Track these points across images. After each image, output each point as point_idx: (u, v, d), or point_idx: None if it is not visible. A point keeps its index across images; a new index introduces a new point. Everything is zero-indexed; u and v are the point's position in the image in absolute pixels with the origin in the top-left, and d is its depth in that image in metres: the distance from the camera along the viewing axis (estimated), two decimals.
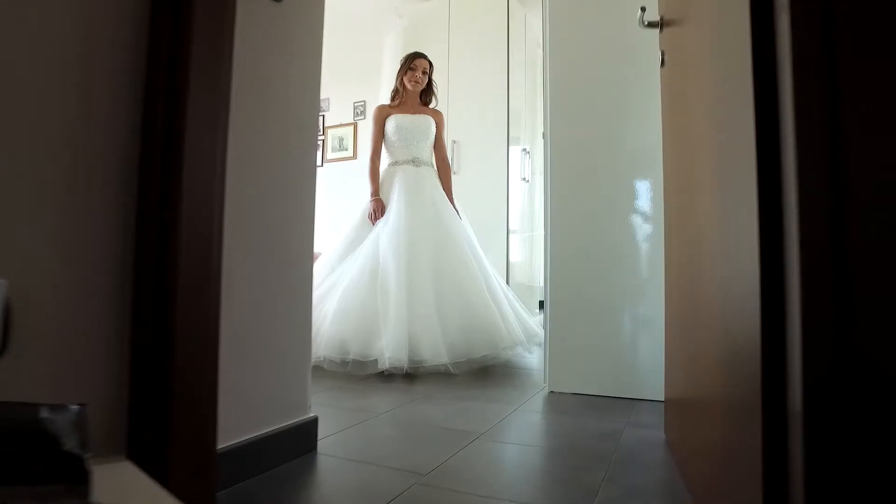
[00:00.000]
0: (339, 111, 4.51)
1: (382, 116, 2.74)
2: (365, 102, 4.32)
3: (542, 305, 3.45)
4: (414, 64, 2.72)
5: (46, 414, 0.54)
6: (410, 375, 2.13)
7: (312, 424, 1.27)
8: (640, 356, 1.84)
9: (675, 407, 1.31)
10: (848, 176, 0.48)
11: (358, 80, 4.29)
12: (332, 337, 2.17)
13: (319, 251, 2.69)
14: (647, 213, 1.86)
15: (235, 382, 1.05)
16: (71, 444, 0.54)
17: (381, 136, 2.74)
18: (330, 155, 4.54)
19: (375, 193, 2.64)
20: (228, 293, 1.00)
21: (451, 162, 2.96)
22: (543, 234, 2.06)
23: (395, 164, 2.71)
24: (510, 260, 3.66)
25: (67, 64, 0.72)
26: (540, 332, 2.46)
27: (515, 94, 3.81)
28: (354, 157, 4.39)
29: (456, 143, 3.70)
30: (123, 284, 0.78)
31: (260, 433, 1.11)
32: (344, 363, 2.14)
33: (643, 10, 1.42)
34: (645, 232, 1.86)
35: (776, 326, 0.58)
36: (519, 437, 1.46)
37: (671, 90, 1.33)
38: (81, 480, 0.53)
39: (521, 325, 2.47)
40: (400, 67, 2.78)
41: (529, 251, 4.09)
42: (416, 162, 2.69)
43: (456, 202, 2.73)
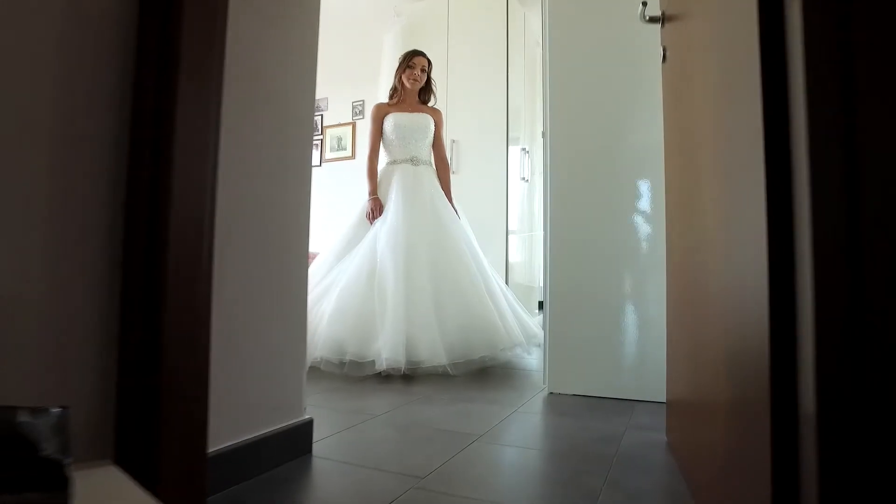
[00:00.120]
0: (337, 111, 4.49)
1: (381, 115, 2.72)
2: (363, 102, 4.30)
3: (541, 306, 3.43)
4: (412, 62, 2.70)
5: (25, 417, 0.52)
6: (408, 376, 2.11)
7: (307, 427, 1.24)
8: (640, 357, 1.82)
9: (677, 408, 1.29)
10: (862, 165, 0.46)
11: (356, 79, 4.27)
12: (328, 337, 2.15)
13: (317, 251, 2.67)
14: (647, 212, 1.84)
15: (228, 383, 1.03)
16: (50, 449, 0.52)
17: (379, 134, 2.72)
18: (328, 155, 4.51)
19: (373, 192, 2.61)
20: (221, 292, 0.98)
21: (449, 161, 2.93)
22: (543, 234, 2.04)
23: (393, 162, 2.69)
24: (509, 260, 3.64)
25: (51, 53, 0.70)
26: (539, 332, 2.44)
27: (515, 93, 3.80)
28: (353, 156, 4.36)
29: (455, 142, 3.68)
30: (111, 283, 0.75)
31: (253, 436, 1.09)
32: (341, 364, 2.11)
33: (644, 4, 1.40)
34: (645, 231, 1.84)
35: (785, 323, 0.55)
36: (518, 439, 1.44)
37: (673, 86, 1.31)
38: (61, 487, 0.51)
39: (520, 325, 2.45)
40: (398, 65, 2.76)
41: (529, 251, 4.07)
42: (414, 161, 2.67)
43: (455, 202, 2.71)
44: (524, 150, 3.95)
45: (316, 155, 4.53)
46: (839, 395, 0.45)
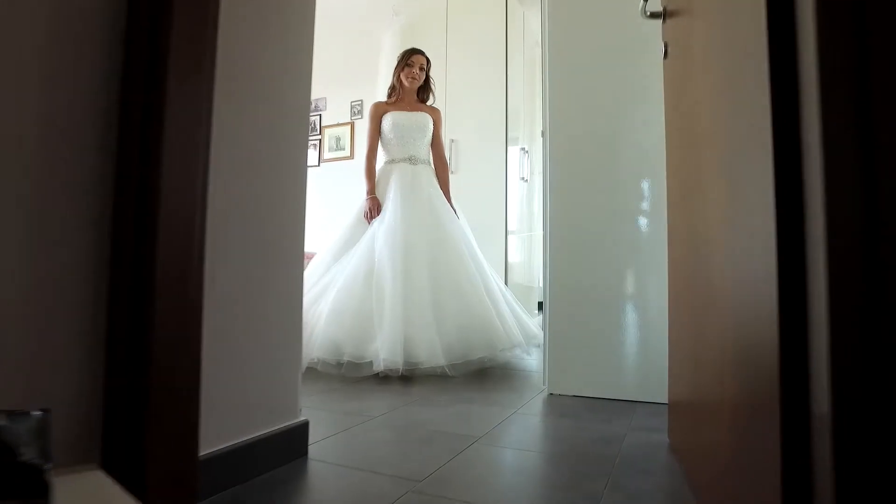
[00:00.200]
0: (336, 111, 4.47)
1: (379, 113, 2.70)
2: (362, 102, 4.28)
3: (540, 306, 3.41)
4: (411, 60, 2.68)
5: (2, 422, 0.50)
6: (406, 377, 2.08)
7: (303, 428, 1.22)
8: (641, 357, 1.80)
9: (679, 409, 1.27)
10: (879, 155, 0.44)
11: (355, 79, 4.25)
12: (326, 338, 2.12)
13: (314, 251, 2.64)
14: (648, 211, 1.83)
15: (220, 384, 1.00)
16: (30, 454, 0.49)
17: (377, 133, 2.70)
18: (327, 155, 4.49)
19: (371, 192, 2.59)
20: (213, 291, 0.96)
21: (448, 161, 2.91)
22: (542, 234, 2.03)
23: (391, 161, 2.67)
24: (508, 260, 3.62)
25: (36, 48, 0.67)
26: (539, 333, 2.42)
27: (514, 92, 3.78)
28: (352, 156, 4.34)
29: (454, 142, 3.66)
30: (97, 281, 0.73)
31: (246, 438, 1.07)
32: (338, 365, 2.09)
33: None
34: (645, 230, 1.83)
35: (795, 318, 0.53)
36: (518, 441, 1.42)
37: (675, 82, 1.29)
38: (40, 494, 0.48)
39: (519, 326, 2.43)
40: (397, 64, 2.74)
41: (528, 251, 4.06)
42: (412, 160, 2.65)
43: (454, 202, 2.69)
44: (523, 149, 3.93)
45: (314, 155, 4.50)
46: (855, 392, 0.42)
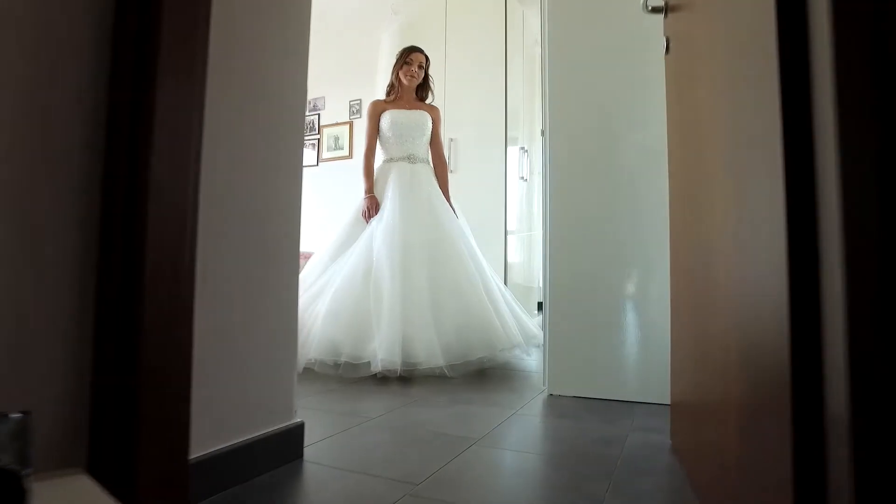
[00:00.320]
0: (334, 110, 4.45)
1: (377, 112, 2.68)
2: (361, 101, 4.25)
3: (540, 307, 3.39)
4: (410, 58, 2.66)
5: None
6: (404, 378, 2.06)
7: (298, 430, 1.20)
8: (642, 358, 1.78)
9: (681, 410, 1.25)
10: None
11: (354, 78, 4.23)
12: (323, 338, 2.10)
13: (312, 251, 2.62)
14: (649, 210, 1.80)
15: (213, 385, 0.98)
16: (7, 458, 0.47)
17: (375, 131, 2.67)
18: (325, 154, 4.47)
19: (370, 190, 2.57)
20: (207, 290, 0.94)
21: (447, 160, 2.89)
22: (542, 233, 2.00)
23: (390, 160, 2.64)
24: (508, 260, 3.60)
25: (17, 39, 0.65)
26: (538, 333, 2.39)
27: (513, 92, 3.76)
28: (350, 156, 4.32)
29: (453, 141, 3.64)
30: (84, 280, 0.71)
31: (240, 440, 1.04)
32: (335, 365, 2.07)
33: None
34: (646, 230, 1.80)
35: (807, 316, 0.51)
36: (518, 442, 1.39)
37: (677, 78, 1.27)
38: (17, 501, 0.46)
39: (519, 326, 2.41)
40: (395, 62, 2.72)
41: (528, 251, 4.03)
42: (411, 158, 2.63)
43: (453, 201, 2.67)
44: (523, 149, 3.91)
45: (313, 154, 4.48)
46: (874, 394, 0.40)
